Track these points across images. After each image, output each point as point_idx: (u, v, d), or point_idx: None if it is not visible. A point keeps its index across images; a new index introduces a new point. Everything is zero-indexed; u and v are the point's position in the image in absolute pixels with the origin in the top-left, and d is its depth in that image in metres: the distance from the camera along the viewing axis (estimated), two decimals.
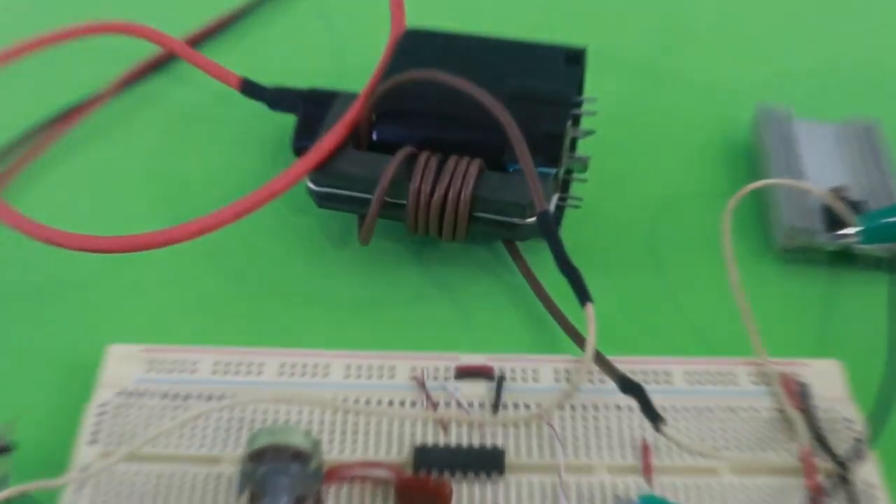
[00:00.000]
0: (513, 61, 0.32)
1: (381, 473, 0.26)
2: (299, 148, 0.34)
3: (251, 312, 0.31)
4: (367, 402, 0.28)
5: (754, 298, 0.30)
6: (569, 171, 0.34)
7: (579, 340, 0.29)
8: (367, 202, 0.30)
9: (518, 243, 0.32)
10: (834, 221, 0.32)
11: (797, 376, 0.28)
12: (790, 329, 0.31)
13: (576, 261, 0.28)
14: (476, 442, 0.27)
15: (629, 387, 0.27)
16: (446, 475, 0.26)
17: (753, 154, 0.36)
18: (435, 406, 0.27)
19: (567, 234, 0.33)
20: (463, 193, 0.29)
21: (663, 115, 0.38)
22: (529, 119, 0.30)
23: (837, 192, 0.32)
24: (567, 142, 0.32)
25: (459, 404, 0.27)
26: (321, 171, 0.31)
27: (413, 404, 0.28)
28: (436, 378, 0.28)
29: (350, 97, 0.33)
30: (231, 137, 0.37)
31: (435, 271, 0.32)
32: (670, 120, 0.38)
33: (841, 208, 0.32)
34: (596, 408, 0.27)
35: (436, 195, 0.30)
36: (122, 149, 0.37)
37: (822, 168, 0.34)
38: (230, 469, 0.26)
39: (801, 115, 0.36)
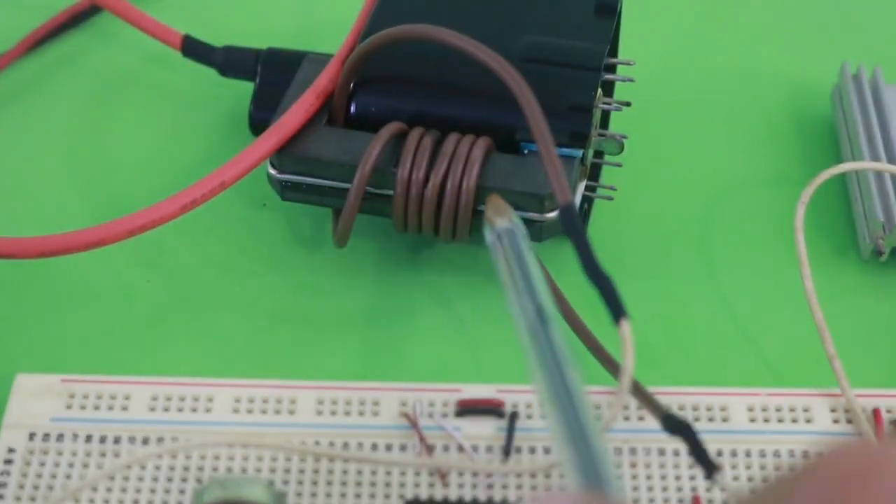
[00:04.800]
0: (528, 13, 0.33)
1: None
2: (258, 124, 0.34)
3: (198, 333, 0.31)
4: (345, 445, 0.28)
5: (835, 314, 0.30)
6: (599, 154, 0.34)
7: (612, 367, 0.29)
8: (343, 193, 0.31)
9: (535, 244, 0.32)
10: None
11: (890, 412, 0.29)
12: (880, 353, 0.31)
13: (608, 266, 0.28)
14: (482, 495, 0.27)
15: (675, 425, 0.27)
16: None
17: (834, 131, 0.37)
18: (431, 450, 0.28)
19: (596, 232, 0.34)
20: (465, 182, 0.30)
21: (718, 83, 0.39)
22: (549, 87, 0.30)
23: None
24: (596, 116, 0.32)
25: (461, 448, 0.28)
26: (285, 154, 0.31)
27: (403, 448, 0.28)
28: (432, 415, 0.28)
29: (321, 59, 0.33)
30: (171, 110, 0.37)
31: (430, 280, 0.33)
32: (727, 88, 0.38)
33: None
34: (633, 452, 0.28)
35: (431, 184, 0.30)
36: (33, 124, 0.37)
37: None
38: None
39: (894, 80, 0.36)
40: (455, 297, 0.32)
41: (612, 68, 0.33)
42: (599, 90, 0.31)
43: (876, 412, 0.28)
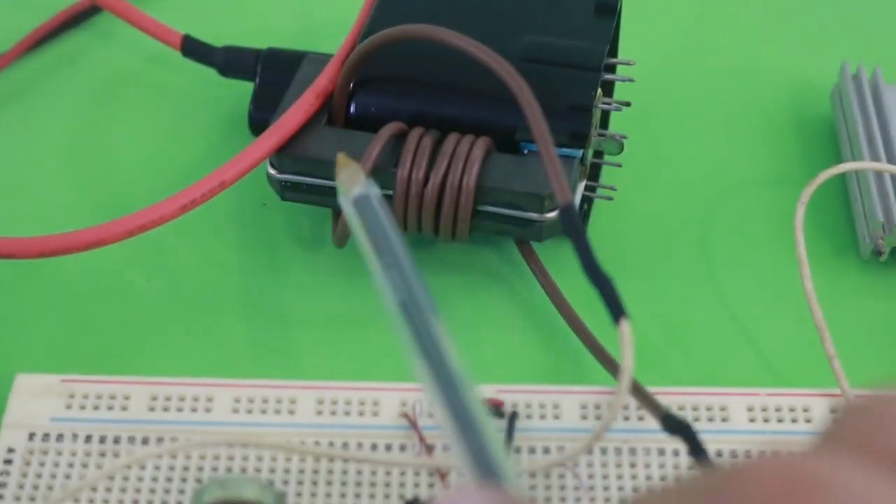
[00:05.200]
0: (528, 13, 0.33)
1: None
2: (258, 124, 0.34)
3: (197, 333, 0.31)
4: (345, 445, 0.28)
5: (835, 314, 0.30)
6: (598, 154, 0.34)
7: (612, 367, 0.29)
8: None
9: (535, 244, 0.32)
10: None
11: None
12: (880, 353, 0.31)
13: (608, 267, 0.28)
14: None
15: (675, 425, 0.27)
16: None
17: (834, 131, 0.37)
18: (430, 450, 0.28)
19: (596, 232, 0.34)
20: (465, 182, 0.30)
21: (718, 83, 0.39)
22: (549, 87, 0.30)
23: None
24: (596, 116, 0.32)
25: None
26: (285, 154, 0.31)
27: (403, 448, 0.28)
28: (431, 415, 0.28)
29: (321, 59, 0.33)
30: (171, 110, 0.37)
31: (430, 280, 0.33)
32: (727, 88, 0.38)
33: None
34: (633, 451, 0.28)
35: (431, 184, 0.30)
36: (33, 124, 0.37)
37: None
38: None
39: (894, 80, 0.36)
40: (455, 297, 0.32)
41: (612, 68, 0.33)
42: (599, 90, 0.32)
43: None
